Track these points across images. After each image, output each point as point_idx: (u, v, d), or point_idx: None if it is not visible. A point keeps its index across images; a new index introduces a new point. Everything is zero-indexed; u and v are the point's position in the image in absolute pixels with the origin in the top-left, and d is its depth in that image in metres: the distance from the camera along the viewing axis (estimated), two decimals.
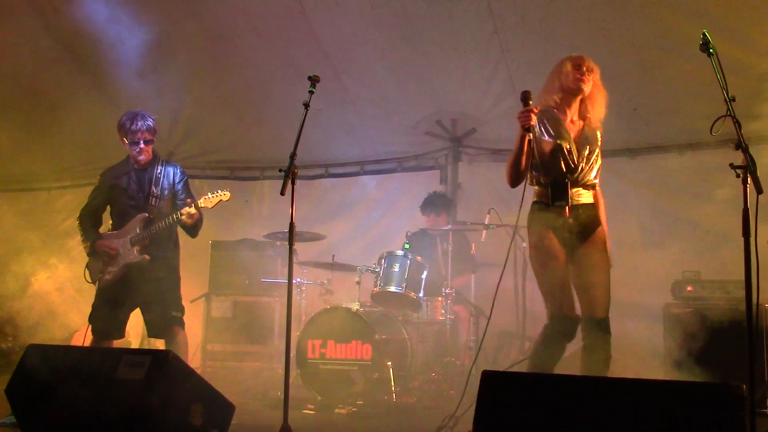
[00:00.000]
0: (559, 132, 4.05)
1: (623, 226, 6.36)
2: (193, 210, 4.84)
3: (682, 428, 2.51)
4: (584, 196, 4.09)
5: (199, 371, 6.28)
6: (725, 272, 5.75)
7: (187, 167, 7.91)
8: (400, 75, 6.84)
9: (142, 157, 5.06)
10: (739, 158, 3.24)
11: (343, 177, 8.27)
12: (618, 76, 6.00)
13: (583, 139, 4.10)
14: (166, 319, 4.96)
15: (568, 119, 4.14)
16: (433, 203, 6.86)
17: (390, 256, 6.20)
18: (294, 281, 6.40)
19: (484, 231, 6.33)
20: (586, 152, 4.06)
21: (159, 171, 5.10)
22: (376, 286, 6.16)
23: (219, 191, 4.93)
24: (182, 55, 6.65)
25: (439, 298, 6.20)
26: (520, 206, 3.93)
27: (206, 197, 4.92)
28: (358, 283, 6.31)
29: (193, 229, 5.05)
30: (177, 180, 5.16)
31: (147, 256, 4.97)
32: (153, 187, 5.06)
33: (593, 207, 4.13)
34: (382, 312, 6.24)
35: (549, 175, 4.05)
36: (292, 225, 3.98)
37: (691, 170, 6.51)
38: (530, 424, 2.77)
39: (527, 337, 6.41)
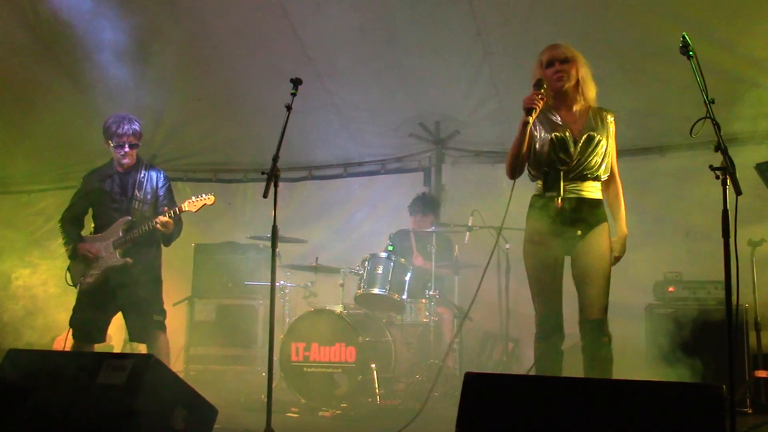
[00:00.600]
0: (552, 126, 3.93)
1: None
2: (166, 219, 4.83)
3: (662, 428, 2.53)
4: (586, 190, 3.91)
5: (182, 375, 6.26)
6: (706, 273, 5.80)
7: (170, 170, 7.90)
8: (382, 77, 6.85)
9: (126, 161, 5.03)
10: (718, 160, 3.27)
11: (326, 179, 8.27)
12: (599, 78, 6.00)
13: (584, 129, 3.92)
14: (147, 323, 4.93)
15: (564, 112, 3.98)
16: (422, 204, 6.86)
17: (373, 258, 6.20)
18: (277, 284, 6.43)
19: (468, 233, 6.35)
20: (584, 142, 3.87)
21: (142, 175, 5.08)
22: (359, 288, 6.16)
23: (203, 195, 4.93)
24: (163, 57, 6.61)
25: (423, 300, 6.20)
26: (506, 210, 3.92)
27: (190, 201, 4.91)
28: (342, 285, 6.31)
29: (166, 238, 5.02)
30: (160, 185, 5.13)
31: (130, 260, 4.94)
32: (136, 191, 5.03)
33: (598, 203, 3.94)
34: (365, 314, 6.24)
35: (544, 167, 3.92)
36: (275, 228, 3.96)
37: (672, 172, 6.56)
38: (512, 425, 2.77)
39: (510, 338, 6.43)
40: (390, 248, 6.39)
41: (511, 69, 6.18)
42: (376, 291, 6.06)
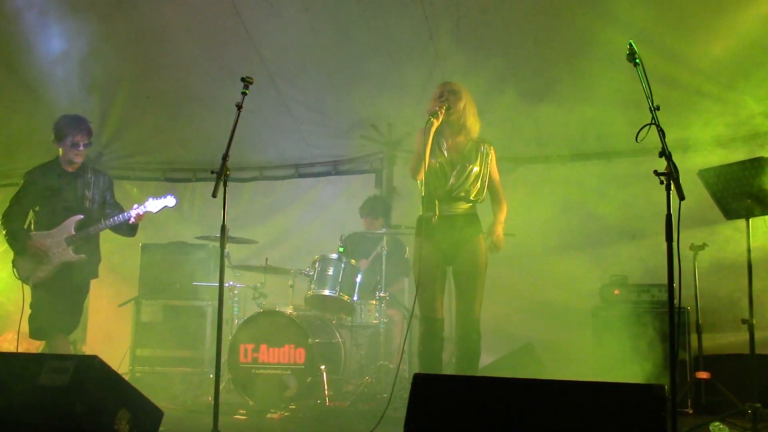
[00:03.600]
0: (435, 151, 4.51)
1: (553, 231, 6.51)
2: (142, 211, 5.08)
3: (607, 428, 2.57)
4: (461, 209, 4.54)
5: (127, 377, 6.16)
6: (650, 276, 5.93)
7: (117, 168, 7.77)
8: (335, 78, 6.84)
9: (78, 160, 5.20)
10: (663, 165, 3.34)
11: (277, 180, 8.20)
12: (549, 83, 6.13)
13: (460, 157, 4.52)
14: (74, 320, 5.18)
15: (450, 141, 4.57)
16: (373, 206, 6.87)
17: (324, 260, 6.16)
18: (226, 285, 6.32)
19: None
20: (458, 170, 4.50)
21: (90, 176, 5.28)
22: (310, 289, 6.11)
23: (162, 197, 5.17)
24: (111, 53, 6.48)
25: (373, 302, 6.19)
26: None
27: (150, 201, 5.12)
28: (292, 286, 6.27)
29: (133, 229, 5.24)
30: (107, 187, 5.38)
31: (84, 255, 5.11)
32: (86, 191, 5.22)
33: (470, 218, 4.55)
34: (315, 315, 6.21)
35: (427, 188, 4.49)
36: (224, 228, 3.92)
37: (619, 176, 6.66)
38: (461, 425, 2.79)
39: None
40: (341, 249, 6.38)
41: (462, 73, 6.20)
42: (326, 292, 6.03)
